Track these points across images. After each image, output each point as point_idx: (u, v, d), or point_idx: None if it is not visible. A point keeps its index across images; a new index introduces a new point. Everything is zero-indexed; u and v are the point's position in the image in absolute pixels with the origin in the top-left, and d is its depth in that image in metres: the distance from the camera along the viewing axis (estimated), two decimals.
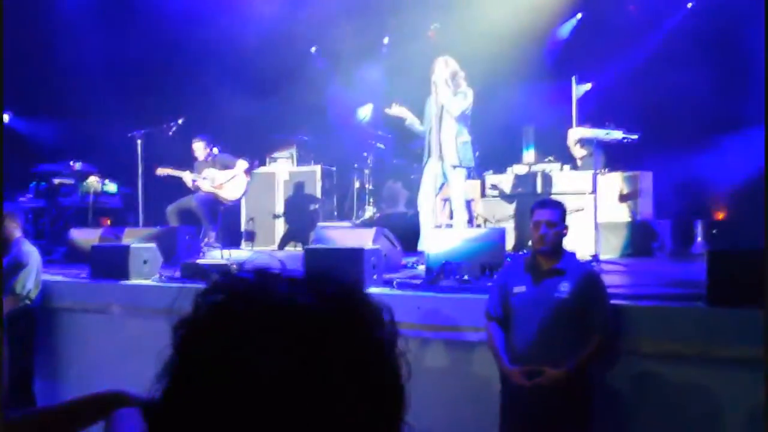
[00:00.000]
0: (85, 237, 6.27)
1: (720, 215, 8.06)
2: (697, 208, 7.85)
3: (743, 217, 7.35)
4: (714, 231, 7.46)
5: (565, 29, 10.12)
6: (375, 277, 4.28)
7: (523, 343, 3.21)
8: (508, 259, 4.74)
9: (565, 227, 3.34)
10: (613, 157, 7.22)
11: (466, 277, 4.28)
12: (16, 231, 4.80)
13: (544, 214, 3.31)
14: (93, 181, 8.09)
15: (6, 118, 9.69)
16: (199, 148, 7.49)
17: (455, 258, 4.49)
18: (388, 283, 4.36)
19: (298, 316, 0.63)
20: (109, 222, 8.18)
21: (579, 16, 9.97)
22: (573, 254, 3.40)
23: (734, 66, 7.50)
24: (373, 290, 4.14)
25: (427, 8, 9.90)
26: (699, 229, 7.30)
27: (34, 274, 4.73)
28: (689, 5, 9.20)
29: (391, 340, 0.69)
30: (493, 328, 3.35)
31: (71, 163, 8.32)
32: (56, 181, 8.21)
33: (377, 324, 0.68)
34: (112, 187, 8.32)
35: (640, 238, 6.93)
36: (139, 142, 6.79)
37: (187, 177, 7.23)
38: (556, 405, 3.10)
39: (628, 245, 6.90)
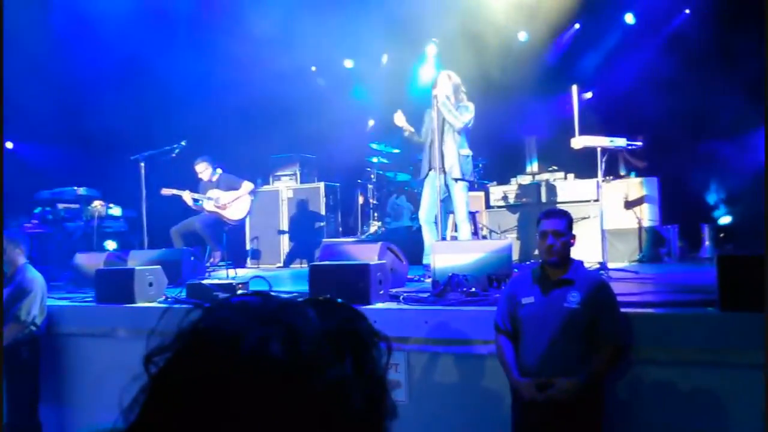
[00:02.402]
0: (91, 261, 6.25)
1: (726, 219, 8.02)
2: (704, 213, 7.81)
3: (749, 220, 7.30)
4: (721, 235, 7.42)
5: (564, 40, 10.15)
6: (381, 292, 4.24)
7: (533, 355, 3.16)
8: (515, 270, 4.71)
9: (573, 236, 3.31)
10: (617, 164, 7.21)
11: (473, 290, 4.24)
12: (20, 257, 4.80)
13: (550, 224, 3.27)
14: (97, 206, 8.10)
15: (10, 145, 9.75)
16: (203, 168, 7.50)
17: (462, 271, 4.45)
18: (394, 298, 4.32)
19: (263, 368, 0.61)
20: (114, 246, 8.18)
21: (577, 26, 10.00)
22: (581, 263, 3.36)
23: (732, 70, 7.49)
24: (379, 305, 4.12)
25: (425, 25, 9.95)
26: (706, 233, 7.26)
27: (39, 300, 4.72)
28: (687, 11, 9.22)
29: (363, 382, 0.65)
30: (503, 341, 3.30)
31: (75, 188, 8.35)
32: (61, 206, 8.22)
33: (341, 368, 0.64)
34: (116, 210, 8.33)
35: (647, 245, 6.90)
36: (142, 165, 6.80)
37: (186, 196, 7.24)
38: (569, 417, 3.05)
39: (636, 252, 6.86)
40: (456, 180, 5.69)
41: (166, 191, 7.18)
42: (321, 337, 0.64)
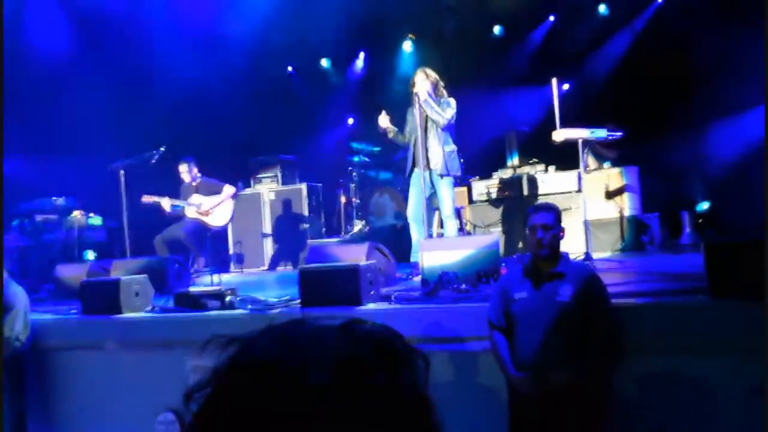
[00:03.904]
0: (73, 273, 6.15)
1: (705, 205, 8.14)
2: (683, 200, 7.92)
3: (726, 206, 7.44)
4: (700, 221, 7.53)
5: (539, 33, 10.22)
6: (372, 293, 4.23)
7: (527, 350, 3.18)
8: (503, 265, 4.73)
9: (562, 229, 3.34)
10: (598, 154, 7.28)
11: (463, 287, 4.25)
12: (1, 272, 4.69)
13: (539, 218, 3.30)
14: (77, 215, 7.97)
15: None
16: (185, 170, 7.42)
17: (450, 268, 4.47)
18: (386, 298, 4.31)
19: (304, 398, 0.61)
20: (93, 256, 8.06)
21: (551, 18, 10.08)
22: (568, 255, 3.40)
23: (709, 56, 7.60)
24: (371, 306, 4.11)
25: (401, 21, 9.96)
26: (686, 220, 7.36)
27: (22, 315, 4.63)
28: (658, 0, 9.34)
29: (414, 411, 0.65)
30: (497, 337, 3.32)
31: (54, 198, 8.20)
32: (39, 217, 8.07)
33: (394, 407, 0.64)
34: (96, 220, 8.20)
35: (629, 233, 6.97)
36: (121, 173, 6.70)
37: (165, 203, 7.15)
38: (565, 410, 3.07)
39: (619, 241, 6.94)
40: (441, 176, 5.70)
41: (146, 198, 7.09)
42: (358, 362, 0.64)
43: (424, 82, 5.74)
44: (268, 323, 0.70)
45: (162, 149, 6.99)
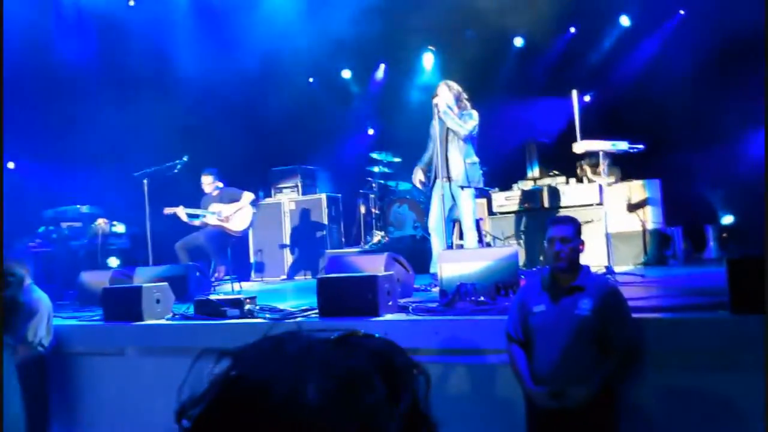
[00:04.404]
0: (96, 279, 6.25)
1: (729, 219, 8.02)
2: (707, 213, 7.81)
3: (752, 220, 7.31)
4: (724, 235, 7.42)
5: (560, 44, 10.19)
6: (390, 303, 4.24)
7: (546, 364, 3.15)
8: (522, 277, 4.70)
9: (581, 242, 3.31)
10: (620, 167, 7.21)
11: (481, 299, 4.24)
12: (26, 277, 4.78)
13: (557, 231, 3.27)
14: (101, 223, 8.11)
15: (11, 165, 9.75)
16: (208, 181, 7.53)
17: (469, 279, 4.45)
18: (403, 309, 4.31)
19: (297, 415, 0.59)
20: (117, 263, 8.18)
21: (572, 30, 10.04)
22: (589, 268, 3.36)
23: (732, 70, 7.52)
24: (389, 317, 4.12)
25: (421, 33, 10.00)
26: (710, 234, 7.26)
27: (45, 320, 4.70)
28: (681, 12, 9.26)
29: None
30: (515, 350, 3.29)
31: (78, 206, 8.36)
32: (64, 224, 8.22)
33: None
34: (120, 227, 8.33)
35: (652, 247, 6.89)
36: (145, 181, 6.82)
37: (181, 212, 7.24)
38: (583, 425, 3.04)
39: (641, 254, 6.86)
40: (462, 188, 5.70)
41: (167, 210, 7.20)
42: (355, 377, 0.62)
43: (446, 93, 5.78)
44: (262, 334, 0.68)
45: (185, 159, 7.11)
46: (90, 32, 9.63)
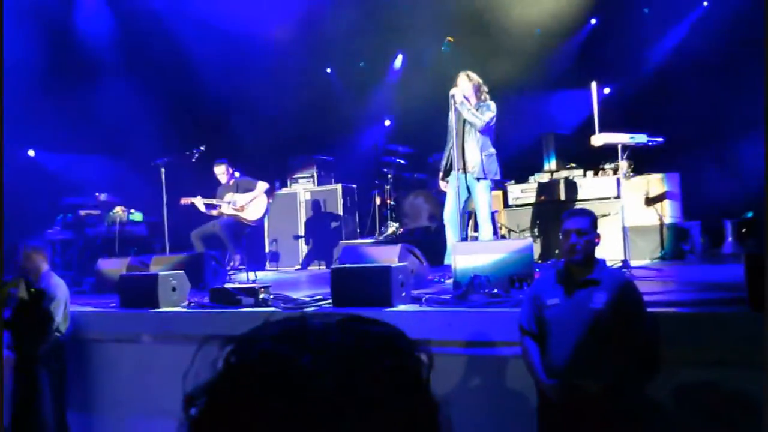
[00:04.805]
0: (113, 267, 6.31)
1: (748, 214, 7.90)
2: (725, 208, 7.70)
3: None
4: (743, 230, 7.30)
5: (580, 36, 10.07)
6: (403, 294, 4.24)
7: (559, 357, 3.13)
8: (537, 270, 4.67)
9: (597, 236, 3.27)
10: (638, 160, 7.11)
11: (495, 291, 4.22)
12: (43, 264, 4.85)
13: (573, 223, 3.24)
14: (119, 211, 8.19)
15: (32, 153, 9.89)
16: (221, 171, 7.56)
17: (483, 271, 4.43)
18: (416, 300, 4.31)
19: (295, 381, 0.60)
20: (133, 251, 8.27)
21: (593, 21, 9.92)
22: (604, 262, 3.33)
23: (755, 63, 7.37)
24: (402, 308, 4.12)
25: (440, 22, 9.93)
26: (729, 229, 7.15)
27: (62, 306, 4.76)
28: (705, 3, 9.10)
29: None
30: (528, 343, 3.28)
31: (97, 194, 8.45)
32: (82, 212, 8.32)
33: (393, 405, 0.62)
34: (137, 216, 8.41)
35: (669, 241, 6.81)
36: (162, 170, 6.87)
37: (198, 202, 7.29)
38: (596, 420, 3.02)
39: (658, 249, 6.79)
40: (478, 179, 5.67)
41: (184, 201, 7.26)
42: (353, 351, 0.62)
43: (466, 84, 5.74)
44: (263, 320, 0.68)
45: (202, 148, 7.15)
46: (111, 22, 9.70)
